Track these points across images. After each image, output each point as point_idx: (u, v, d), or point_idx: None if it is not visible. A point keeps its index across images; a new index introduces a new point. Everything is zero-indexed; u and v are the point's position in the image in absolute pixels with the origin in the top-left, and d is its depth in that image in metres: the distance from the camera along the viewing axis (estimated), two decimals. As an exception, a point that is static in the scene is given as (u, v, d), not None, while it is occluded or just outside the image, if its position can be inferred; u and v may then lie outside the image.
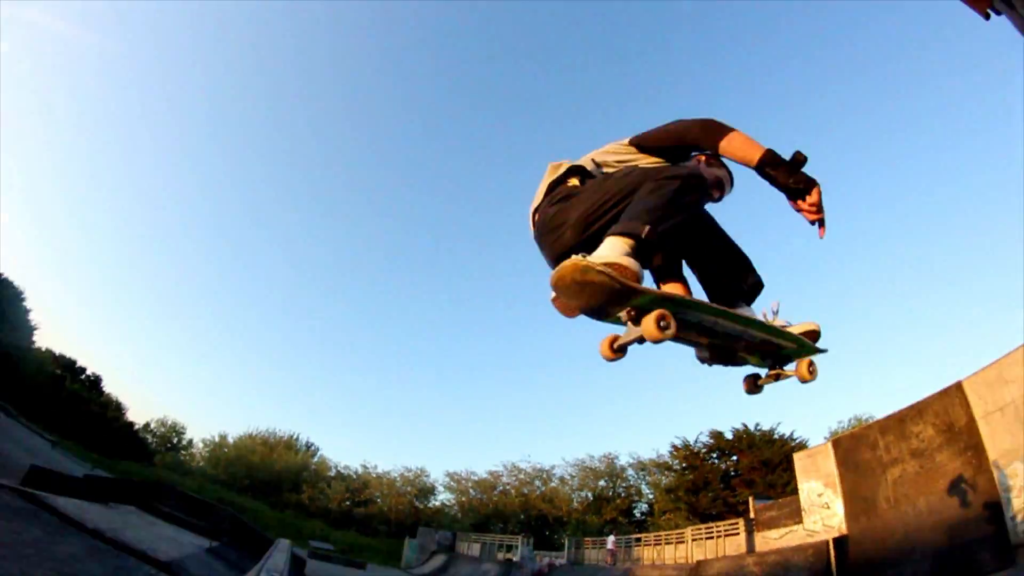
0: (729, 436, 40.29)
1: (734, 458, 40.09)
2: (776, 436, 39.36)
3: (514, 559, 35.08)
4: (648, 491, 49.79)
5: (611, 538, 33.08)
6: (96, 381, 52.48)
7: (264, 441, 60.13)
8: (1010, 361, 16.11)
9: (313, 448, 63.86)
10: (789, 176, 2.28)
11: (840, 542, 18.21)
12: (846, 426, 43.57)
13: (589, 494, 51.45)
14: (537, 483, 54.72)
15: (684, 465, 42.35)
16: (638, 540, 32.30)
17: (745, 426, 40.07)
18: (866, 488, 18.76)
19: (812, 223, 2.35)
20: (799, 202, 2.31)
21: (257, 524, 39.57)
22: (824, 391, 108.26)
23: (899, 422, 18.48)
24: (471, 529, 47.76)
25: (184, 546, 10.92)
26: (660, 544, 29.75)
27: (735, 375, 2.95)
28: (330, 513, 54.54)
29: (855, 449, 19.77)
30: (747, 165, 2.40)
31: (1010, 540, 14.74)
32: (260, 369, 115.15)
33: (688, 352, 2.84)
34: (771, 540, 22.57)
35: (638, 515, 49.16)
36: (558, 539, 46.05)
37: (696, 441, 42.01)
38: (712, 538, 26.36)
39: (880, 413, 27.93)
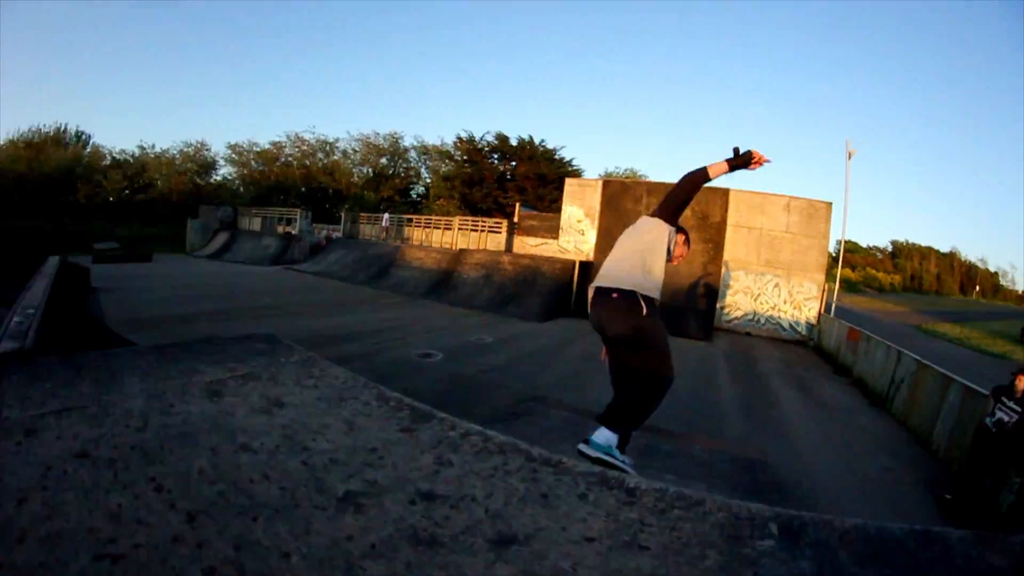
0: (514, 142, 41.88)
1: (513, 163, 42.14)
2: (557, 156, 41.88)
3: (293, 232, 35.28)
4: (427, 175, 51.38)
5: (386, 215, 34.13)
6: None
7: (28, 143, 49.15)
8: (775, 201, 20.07)
9: (85, 137, 53.40)
10: (743, 164, 3.75)
11: (585, 265, 20.99)
12: (620, 172, 47.86)
13: (370, 170, 51.17)
14: (320, 155, 52.77)
15: (465, 158, 43.58)
16: (410, 220, 33.68)
17: (531, 138, 41.90)
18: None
19: (761, 165, 3.82)
20: (751, 166, 3.76)
21: (36, 243, 33.99)
22: (613, 142, 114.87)
23: (665, 192, 21.18)
24: (252, 203, 46.01)
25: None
26: (430, 228, 31.42)
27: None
28: (110, 207, 48.76)
29: (621, 195, 22.33)
30: (725, 174, 3.77)
31: (713, 322, 19.40)
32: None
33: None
34: (528, 246, 25.17)
35: (414, 196, 50.99)
36: (336, 213, 46.02)
37: (482, 138, 43.17)
38: (477, 231, 28.38)
39: (653, 177, 30.90)
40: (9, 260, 16.48)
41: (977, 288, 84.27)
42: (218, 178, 55.84)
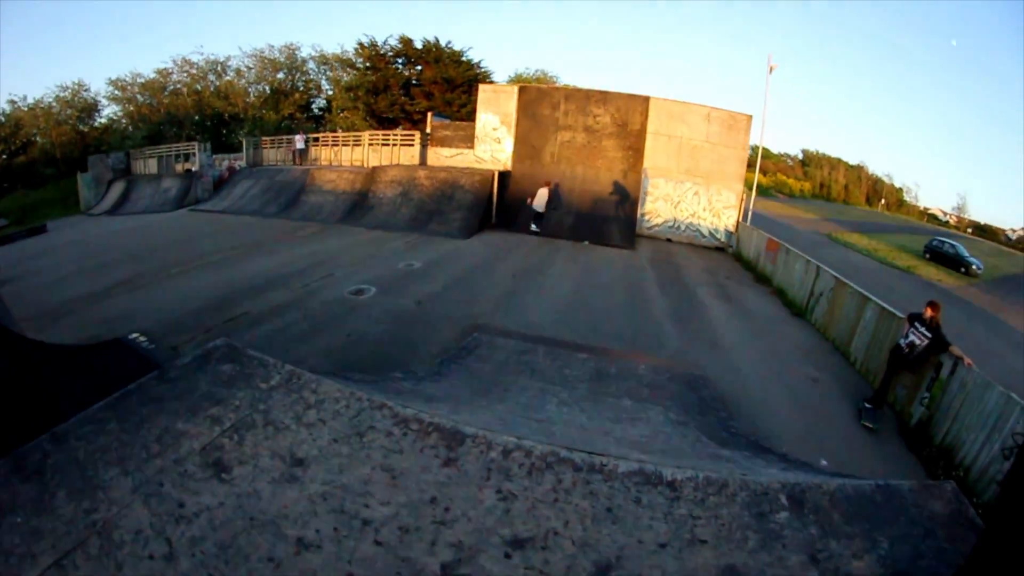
0: (419, 46, 39.91)
1: (419, 68, 40.35)
2: (464, 59, 40.16)
3: (193, 169, 32.04)
4: (328, 87, 47.81)
5: (299, 137, 31.55)
6: None
7: None
8: (696, 111, 20.12)
9: None
10: None
11: (504, 176, 20.69)
12: (531, 74, 46.41)
13: (267, 87, 47.49)
14: (211, 78, 47.59)
15: (368, 65, 41.38)
16: (316, 140, 31.65)
17: (437, 40, 39.94)
18: (536, 138, 21.33)
19: None
20: None
21: None
22: (522, 41, 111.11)
23: (584, 98, 20.92)
24: (145, 143, 41.87)
25: None
26: (338, 145, 29.76)
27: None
28: None
29: (537, 102, 21.68)
30: None
31: (635, 229, 19.58)
32: None
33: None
34: (443, 157, 24.22)
35: (316, 111, 48.16)
36: (236, 139, 42.98)
37: (384, 43, 40.93)
38: (388, 145, 26.91)
39: (566, 81, 30.35)
40: None
41: (883, 201, 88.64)
42: (103, 121, 49.23)
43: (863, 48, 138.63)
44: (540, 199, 18.40)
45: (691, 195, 20.07)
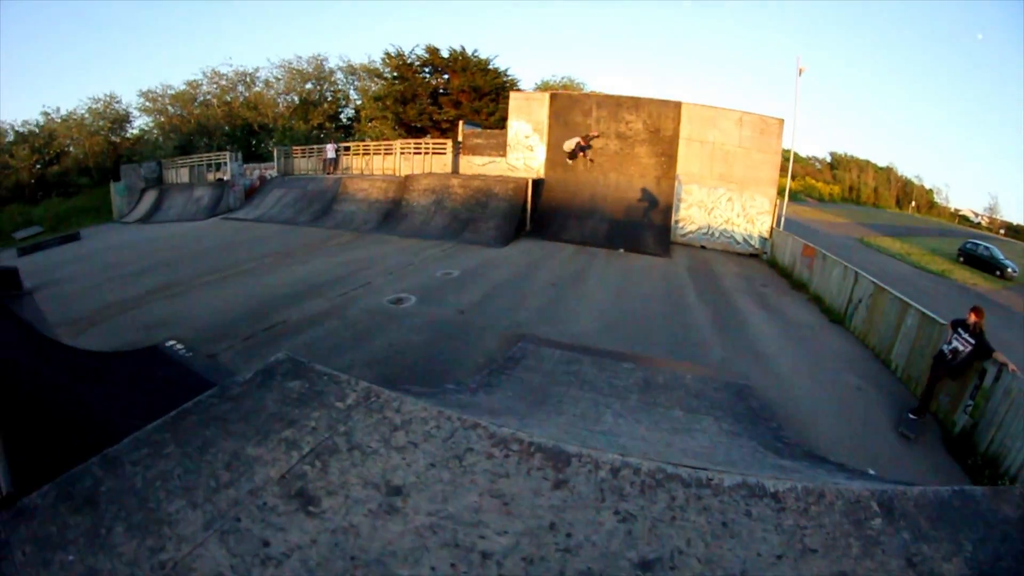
0: (445, 55, 40.03)
1: (446, 77, 40.51)
2: (491, 67, 40.31)
3: (225, 178, 32.74)
4: (356, 97, 48.69)
5: (330, 146, 31.84)
6: None
7: None
8: (728, 115, 19.90)
9: None
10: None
11: (537, 183, 20.71)
12: (558, 81, 46.47)
13: (296, 98, 48.20)
14: (240, 88, 48.17)
15: (395, 75, 41.62)
16: (347, 149, 31.92)
17: (463, 49, 40.11)
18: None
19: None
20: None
21: None
22: (544, 45, 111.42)
23: (616, 105, 20.91)
24: (176, 153, 42.60)
25: None
26: (369, 154, 29.98)
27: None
28: (23, 188, 42.61)
29: (569, 109, 21.71)
30: None
31: (670, 237, 19.52)
32: None
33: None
34: (475, 166, 24.26)
35: (344, 120, 48.67)
36: (266, 149, 43.52)
37: (411, 53, 41.11)
38: (420, 154, 27.08)
39: (593, 86, 30.41)
40: None
41: (913, 203, 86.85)
42: (135, 131, 50.23)
43: (888, 46, 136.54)
44: (568, 143, 19.72)
45: (724, 201, 19.97)
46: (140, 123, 50.21)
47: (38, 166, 45.71)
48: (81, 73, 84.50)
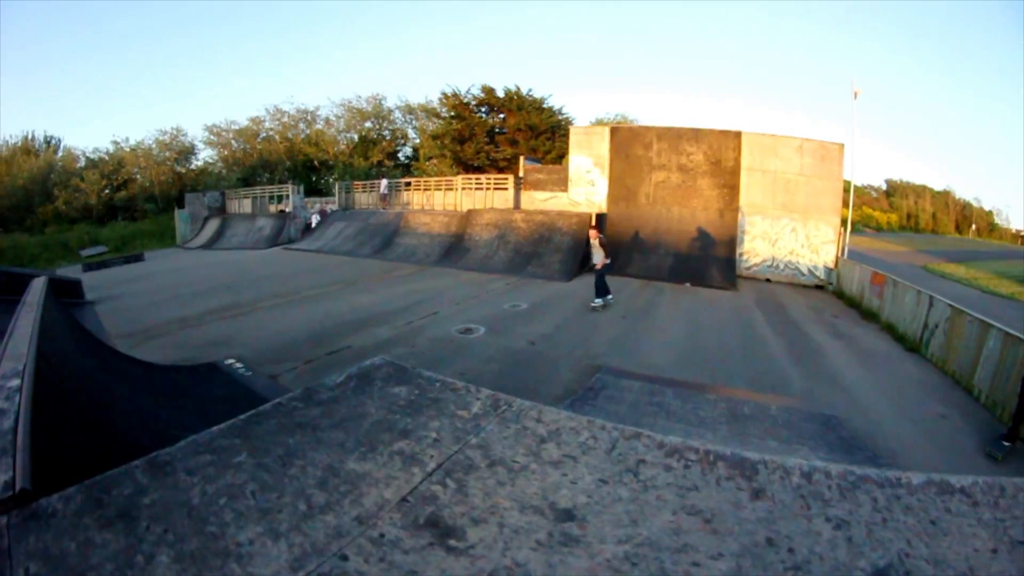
0: (500, 94, 40.94)
1: (502, 116, 41.44)
2: (546, 105, 41.08)
3: (287, 210, 33.96)
4: (414, 135, 50.28)
5: (383, 182, 32.89)
6: None
7: None
8: (788, 143, 19.72)
9: (54, 141, 50.55)
10: None
11: (600, 218, 20.86)
12: (611, 119, 47.20)
13: (355, 136, 49.87)
14: (302, 126, 50.86)
15: (452, 114, 42.54)
16: (408, 184, 32.61)
17: (518, 88, 41.00)
18: (631, 179, 21.54)
19: None
20: None
21: (21, 261, 33.74)
22: (597, 85, 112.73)
23: (676, 137, 20.95)
24: (239, 185, 44.43)
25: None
26: (430, 190, 30.50)
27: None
28: (92, 210, 46.36)
29: (630, 142, 21.89)
30: None
31: (735, 270, 19.31)
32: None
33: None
34: (537, 201, 24.48)
35: (403, 159, 50.06)
36: (326, 184, 45.06)
37: (467, 92, 42.12)
38: (481, 189, 27.54)
39: (646, 121, 30.43)
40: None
41: (973, 227, 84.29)
42: (199, 163, 53.61)
43: (937, 67, 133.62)
44: (598, 253, 13.94)
45: (788, 232, 19.80)
46: (204, 155, 53.44)
47: (106, 191, 48.91)
48: (149, 106, 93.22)
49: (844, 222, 19.79)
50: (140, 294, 16.44)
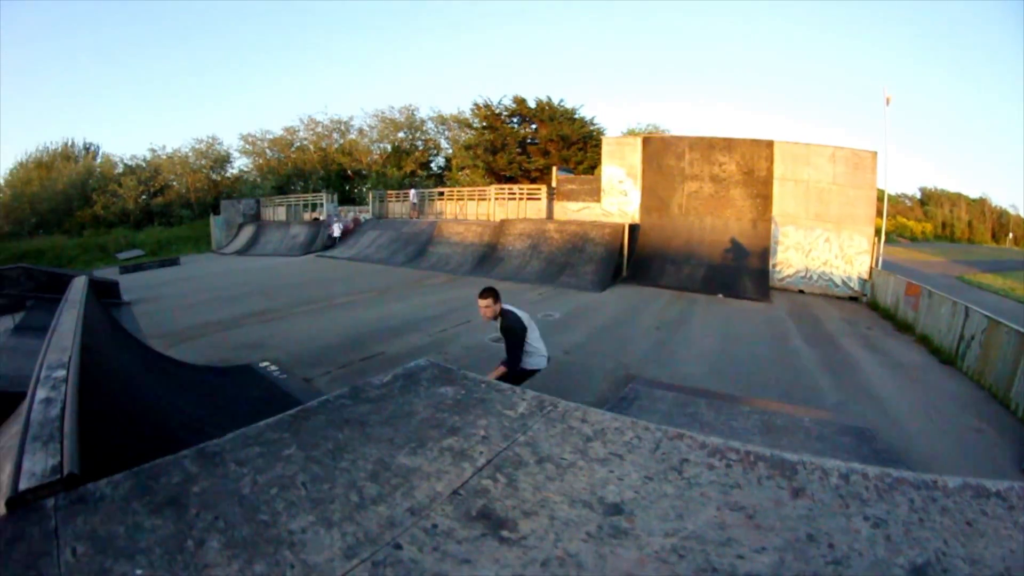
0: (532, 104, 41.22)
1: (533, 126, 41.82)
2: (577, 116, 41.24)
3: (321, 218, 34.66)
4: (447, 146, 50.75)
5: (412, 191, 33.14)
6: None
7: (38, 163, 48.90)
8: (820, 151, 19.54)
9: (93, 148, 52.77)
10: None
11: (633, 229, 20.98)
12: (643, 129, 46.74)
13: (388, 146, 50.51)
14: (335, 136, 51.68)
15: (484, 124, 43.03)
16: (441, 195, 32.95)
17: (549, 99, 41.20)
18: (664, 190, 21.59)
19: None
20: None
21: (60, 262, 35.09)
22: (627, 95, 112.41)
23: (709, 147, 20.95)
24: (274, 193, 45.61)
25: (-12, 340, 8.78)
26: (463, 200, 30.85)
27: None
28: (129, 215, 48.22)
29: (662, 152, 21.96)
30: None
31: (768, 281, 19.21)
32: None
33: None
34: (570, 211, 24.74)
35: (435, 169, 50.59)
36: (359, 193, 45.71)
37: (499, 103, 42.52)
38: (514, 199, 27.79)
39: (677, 131, 30.35)
40: (39, 285, 14.37)
41: (1011, 235, 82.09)
42: (234, 171, 55.02)
43: (973, 74, 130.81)
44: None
45: (822, 242, 19.64)
46: (240, 164, 54.86)
47: (143, 196, 50.47)
48: (185, 114, 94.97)
49: (878, 232, 19.59)
50: (176, 296, 16.95)
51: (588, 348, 10.96)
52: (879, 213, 20.36)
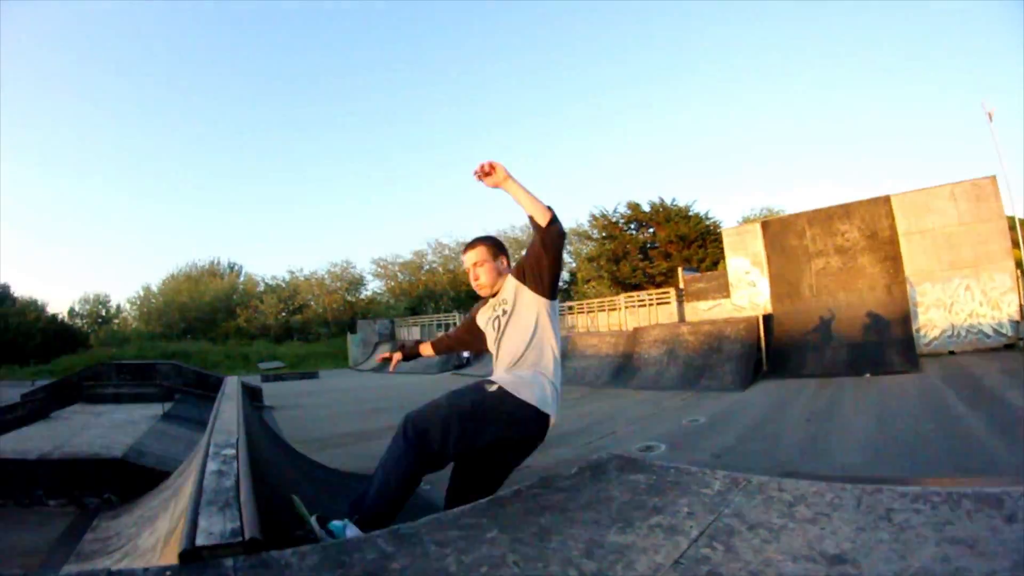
0: (646, 209, 42.19)
1: (651, 230, 42.75)
2: (692, 213, 41.76)
3: None
4: (570, 259, 52.13)
5: None
6: (4, 291, 49.28)
7: (188, 276, 58.42)
8: (938, 193, 18.58)
9: (237, 268, 62.86)
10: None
11: (768, 319, 20.60)
12: (757, 214, 47.70)
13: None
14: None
15: (603, 235, 44.52)
16: (570, 308, 33.48)
17: (662, 200, 42.26)
18: (791, 273, 21.37)
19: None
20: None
21: (205, 365, 38.38)
22: (737, 182, 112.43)
23: (827, 218, 20.73)
24: (407, 313, 49.14)
25: (138, 424, 10.07)
26: (593, 312, 31.48)
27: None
28: (269, 329, 54.14)
29: (783, 234, 21.90)
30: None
31: (915, 348, 17.97)
32: (160, 202, 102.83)
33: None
34: (700, 311, 24.64)
35: (562, 285, 51.78)
36: (490, 312, 47.88)
37: (614, 212, 44.01)
38: (644, 306, 28.22)
39: (789, 210, 30.13)
40: (187, 381, 16.51)
41: None
42: (368, 294, 59.65)
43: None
44: None
45: (962, 291, 18.35)
46: (373, 286, 60.00)
47: (283, 314, 55.75)
48: (319, 239, 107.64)
49: (1018, 264, 18.29)
50: (316, 407, 18.09)
51: (739, 450, 10.80)
52: (1015, 243, 19.17)
